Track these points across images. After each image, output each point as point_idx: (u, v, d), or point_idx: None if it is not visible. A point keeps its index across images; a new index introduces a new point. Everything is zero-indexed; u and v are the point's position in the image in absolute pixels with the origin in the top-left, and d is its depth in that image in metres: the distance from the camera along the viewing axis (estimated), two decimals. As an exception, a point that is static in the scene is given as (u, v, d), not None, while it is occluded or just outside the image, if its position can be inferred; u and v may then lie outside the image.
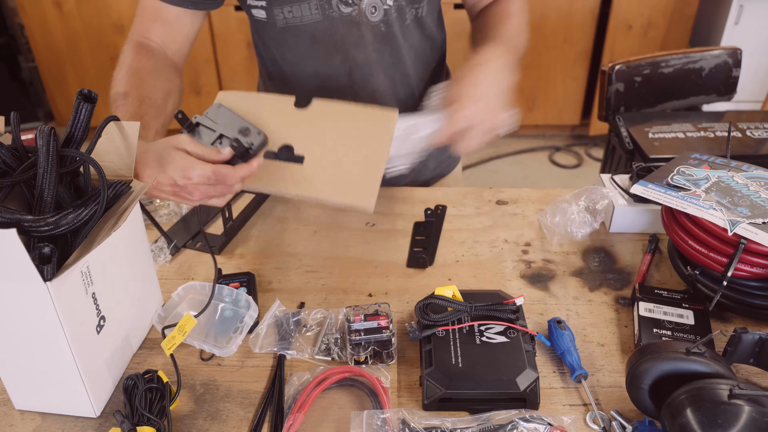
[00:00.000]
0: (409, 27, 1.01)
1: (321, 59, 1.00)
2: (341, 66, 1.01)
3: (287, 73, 1.05)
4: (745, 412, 0.55)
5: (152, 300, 0.81)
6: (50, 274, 0.57)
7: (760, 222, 0.74)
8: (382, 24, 0.98)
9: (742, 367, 0.74)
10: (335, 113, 0.86)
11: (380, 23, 0.97)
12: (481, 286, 0.88)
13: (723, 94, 1.87)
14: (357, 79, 1.02)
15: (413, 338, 0.74)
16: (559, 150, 3.32)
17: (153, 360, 0.76)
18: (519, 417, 0.64)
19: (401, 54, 1.03)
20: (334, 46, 0.98)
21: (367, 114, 0.85)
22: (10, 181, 0.63)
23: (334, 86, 1.03)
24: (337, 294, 0.87)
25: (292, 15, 0.94)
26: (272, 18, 0.95)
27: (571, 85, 3.18)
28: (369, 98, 1.05)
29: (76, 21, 2.96)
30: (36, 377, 0.66)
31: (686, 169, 0.88)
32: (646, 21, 2.96)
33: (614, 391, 0.72)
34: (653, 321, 0.78)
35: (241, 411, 0.69)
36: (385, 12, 0.96)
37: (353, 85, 1.03)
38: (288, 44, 0.99)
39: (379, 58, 1.01)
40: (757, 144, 1.48)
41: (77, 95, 0.66)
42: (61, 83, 3.14)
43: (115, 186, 0.68)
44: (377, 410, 0.66)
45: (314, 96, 0.87)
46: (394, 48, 1.01)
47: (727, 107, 2.49)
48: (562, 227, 0.95)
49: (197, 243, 0.96)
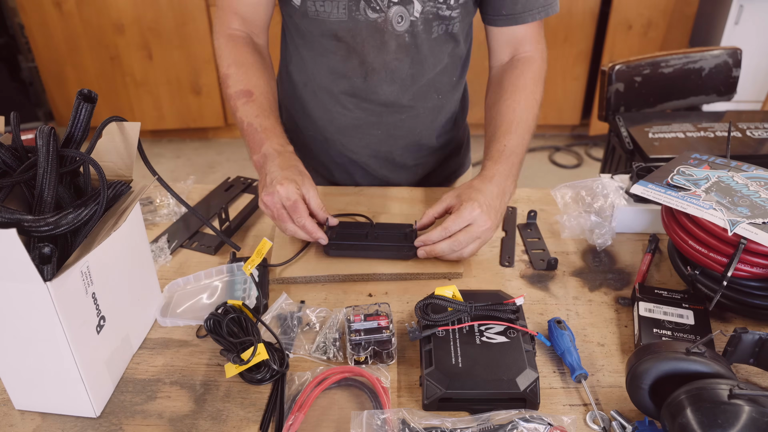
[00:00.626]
0: (436, 41, 1.01)
1: (340, 58, 1.02)
2: (358, 68, 1.02)
3: (306, 65, 1.06)
4: (745, 412, 0.55)
5: (152, 300, 0.81)
6: (50, 274, 0.57)
7: (760, 222, 0.74)
8: (407, 34, 0.98)
9: (742, 367, 0.74)
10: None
11: (405, 33, 0.98)
12: (481, 286, 0.88)
13: (723, 94, 1.87)
14: (371, 84, 1.03)
15: (413, 338, 0.74)
16: (559, 150, 3.32)
17: (153, 360, 0.76)
18: (519, 417, 0.64)
19: (423, 66, 1.03)
20: (354, 47, 0.99)
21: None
22: (10, 181, 0.63)
23: (346, 87, 1.04)
24: (337, 294, 0.87)
25: (323, 9, 0.96)
26: (305, 7, 0.97)
27: (571, 85, 3.18)
28: (378, 105, 1.05)
29: (76, 21, 2.96)
30: (36, 377, 0.66)
31: (686, 169, 0.88)
32: (646, 21, 2.96)
33: (614, 391, 0.72)
34: (653, 321, 0.78)
35: (241, 411, 0.69)
36: (411, 23, 0.97)
37: (366, 89, 1.04)
38: (312, 35, 1.01)
39: (398, 66, 1.01)
40: (757, 144, 1.48)
41: (77, 95, 0.66)
42: (61, 83, 3.14)
43: (115, 186, 0.68)
44: (377, 410, 0.66)
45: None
46: (416, 60, 1.01)
47: (727, 107, 2.49)
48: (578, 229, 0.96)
49: (194, 243, 0.97)
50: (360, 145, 1.12)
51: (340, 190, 1.12)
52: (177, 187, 1.09)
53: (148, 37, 3.01)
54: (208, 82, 3.15)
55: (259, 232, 1.01)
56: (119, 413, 0.69)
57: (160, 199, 1.06)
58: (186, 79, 3.15)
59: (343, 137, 1.11)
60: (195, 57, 3.07)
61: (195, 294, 0.86)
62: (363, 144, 1.11)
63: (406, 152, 1.14)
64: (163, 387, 0.72)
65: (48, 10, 2.93)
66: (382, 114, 1.07)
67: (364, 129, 1.09)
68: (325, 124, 1.10)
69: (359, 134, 1.10)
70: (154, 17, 2.96)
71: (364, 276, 0.89)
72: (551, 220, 1.03)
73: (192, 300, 0.85)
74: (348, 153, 1.13)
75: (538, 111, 1.03)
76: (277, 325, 0.80)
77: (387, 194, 1.10)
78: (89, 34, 3.00)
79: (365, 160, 1.14)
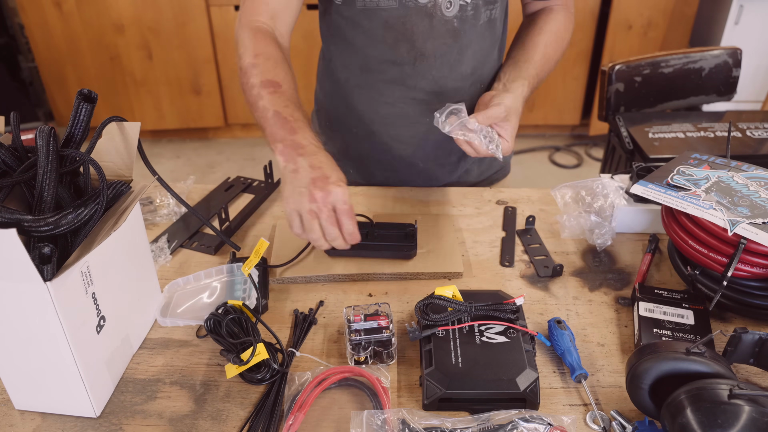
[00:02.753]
0: (481, 27, 1.03)
1: (389, 45, 1.02)
2: (407, 55, 1.03)
3: (351, 59, 1.07)
4: (745, 412, 0.55)
5: (152, 300, 0.81)
6: (50, 274, 0.57)
7: (760, 222, 0.74)
8: (456, 20, 0.99)
9: (742, 367, 0.74)
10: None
11: (454, 18, 0.99)
12: (481, 286, 0.88)
13: (723, 94, 1.87)
14: (420, 70, 1.04)
15: (413, 338, 0.74)
16: (559, 150, 3.32)
17: (153, 360, 0.76)
18: (519, 417, 0.64)
19: (469, 51, 1.04)
20: (403, 34, 1.00)
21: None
22: (10, 181, 0.63)
23: (395, 74, 1.05)
24: (337, 294, 0.87)
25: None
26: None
27: (571, 85, 3.18)
28: (429, 89, 1.06)
29: (76, 21, 2.96)
30: (36, 377, 0.66)
31: (686, 169, 0.88)
32: (646, 21, 2.96)
33: (614, 391, 0.72)
34: (653, 321, 0.78)
35: (241, 411, 0.69)
36: (460, 8, 0.98)
37: (415, 75, 1.05)
38: (362, 26, 1.01)
39: (447, 51, 1.03)
40: (757, 144, 1.48)
41: (77, 95, 0.66)
42: (61, 83, 3.14)
43: (115, 186, 0.68)
44: (377, 410, 0.66)
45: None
46: (463, 44, 1.03)
47: (727, 107, 2.49)
48: (578, 229, 0.96)
49: (194, 243, 0.97)
50: (407, 135, 1.12)
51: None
52: (177, 187, 1.09)
53: (148, 37, 3.01)
54: (208, 82, 3.15)
55: (259, 232, 1.01)
56: (119, 413, 0.69)
57: (160, 199, 1.06)
58: (186, 79, 3.14)
59: (390, 128, 1.11)
60: (195, 57, 3.07)
61: (195, 294, 0.86)
62: (410, 134, 1.12)
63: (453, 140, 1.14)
64: (163, 387, 0.72)
65: (48, 10, 2.93)
66: (431, 101, 1.08)
67: (412, 117, 1.09)
68: (371, 116, 1.10)
69: (407, 123, 1.10)
70: (154, 17, 2.96)
71: (364, 276, 0.89)
72: (551, 220, 1.03)
73: (192, 300, 0.85)
74: (395, 145, 1.13)
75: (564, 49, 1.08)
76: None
77: (387, 194, 1.10)
78: (89, 34, 3.00)
79: (412, 152, 1.14)
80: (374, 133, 1.12)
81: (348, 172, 1.20)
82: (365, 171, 1.19)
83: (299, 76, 1.05)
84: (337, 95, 1.13)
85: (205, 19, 2.97)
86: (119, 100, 3.18)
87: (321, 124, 1.21)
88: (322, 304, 0.85)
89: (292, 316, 0.83)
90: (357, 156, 1.17)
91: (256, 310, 0.81)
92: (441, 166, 1.16)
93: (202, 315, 0.79)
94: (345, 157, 1.18)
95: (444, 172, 1.18)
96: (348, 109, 1.12)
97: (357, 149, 1.16)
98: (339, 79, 1.11)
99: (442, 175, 1.18)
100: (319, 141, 0.86)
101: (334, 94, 1.13)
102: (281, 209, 1.06)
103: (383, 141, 1.13)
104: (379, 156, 1.15)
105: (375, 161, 1.17)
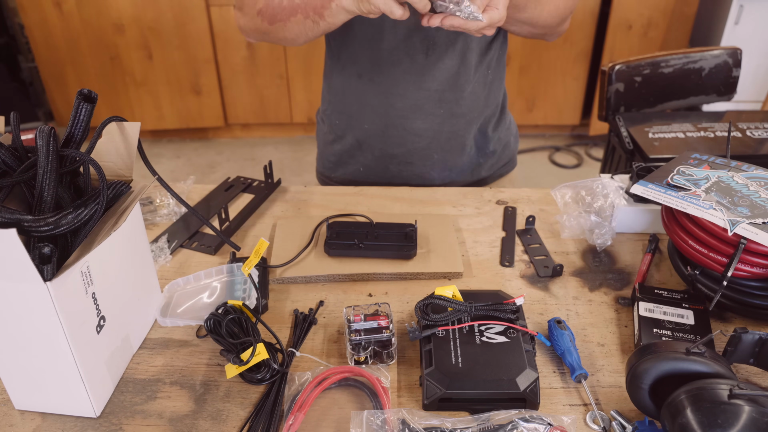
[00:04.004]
0: None
1: (402, 37, 1.04)
2: (419, 45, 1.04)
3: (363, 53, 1.08)
4: (745, 412, 0.55)
5: (152, 300, 0.81)
6: (50, 274, 0.57)
7: (760, 222, 0.74)
8: None
9: (742, 367, 0.74)
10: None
11: None
12: (481, 286, 0.88)
13: (723, 94, 1.87)
14: (432, 59, 1.06)
15: (413, 338, 0.74)
16: (559, 150, 3.32)
17: (153, 360, 0.76)
18: (519, 417, 0.64)
19: (475, 38, 1.06)
20: (416, 23, 1.01)
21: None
22: (10, 181, 0.63)
23: (408, 65, 1.06)
24: (337, 294, 0.87)
25: None
26: None
27: (571, 85, 3.18)
28: (440, 82, 1.07)
29: (76, 21, 2.96)
30: (36, 377, 0.66)
31: (686, 169, 0.88)
32: (646, 21, 2.96)
33: (614, 391, 0.72)
34: (653, 321, 0.78)
35: (241, 411, 0.69)
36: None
37: (427, 64, 1.06)
38: (370, 19, 1.02)
39: (456, 39, 1.04)
40: (757, 144, 1.48)
41: (77, 95, 0.66)
42: (61, 83, 3.14)
43: (115, 186, 0.68)
44: (377, 410, 0.66)
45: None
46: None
47: (727, 107, 2.49)
48: (578, 229, 0.96)
49: (194, 243, 0.97)
50: (423, 127, 1.12)
51: (341, 189, 1.13)
52: (177, 187, 1.09)
53: (148, 37, 3.01)
54: (208, 82, 3.15)
55: (259, 232, 1.01)
56: (119, 413, 0.69)
57: (160, 199, 1.06)
58: (186, 79, 3.15)
59: (405, 121, 1.12)
60: (195, 57, 3.07)
61: (195, 294, 0.86)
62: (425, 126, 1.12)
63: (467, 132, 1.16)
64: (163, 387, 0.72)
65: (48, 10, 2.93)
66: (444, 91, 1.08)
67: (426, 109, 1.10)
68: (386, 109, 1.11)
69: (422, 115, 1.11)
70: (154, 17, 2.96)
71: (364, 276, 0.89)
72: (551, 220, 1.03)
73: (192, 300, 0.85)
74: (410, 138, 1.13)
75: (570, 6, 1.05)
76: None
77: (387, 194, 1.10)
78: (89, 34, 3.00)
79: (427, 143, 1.14)
80: (388, 127, 1.13)
81: (359, 170, 1.21)
82: (378, 166, 1.19)
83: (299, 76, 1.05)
84: (348, 92, 1.13)
85: (205, 19, 2.97)
86: (119, 100, 3.18)
87: (331, 123, 1.21)
88: (322, 304, 0.85)
89: (292, 316, 0.83)
90: (369, 152, 1.17)
91: (256, 310, 0.81)
92: (457, 155, 1.17)
93: (202, 315, 0.79)
94: (357, 155, 1.18)
95: (462, 162, 1.19)
96: (360, 105, 1.13)
97: (370, 145, 1.17)
98: (350, 75, 1.11)
99: (457, 164, 1.19)
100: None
101: (344, 91, 1.14)
102: (281, 209, 1.07)
103: (398, 134, 1.13)
104: (393, 150, 1.16)
105: (389, 156, 1.17)
